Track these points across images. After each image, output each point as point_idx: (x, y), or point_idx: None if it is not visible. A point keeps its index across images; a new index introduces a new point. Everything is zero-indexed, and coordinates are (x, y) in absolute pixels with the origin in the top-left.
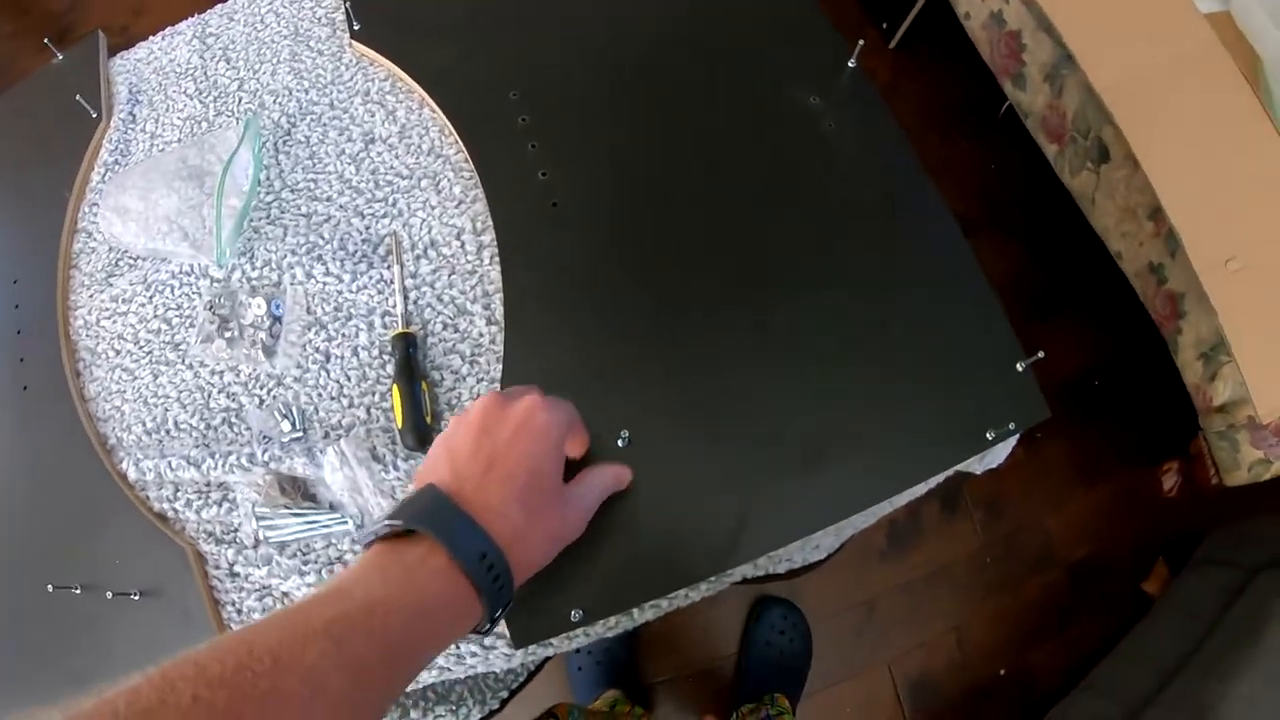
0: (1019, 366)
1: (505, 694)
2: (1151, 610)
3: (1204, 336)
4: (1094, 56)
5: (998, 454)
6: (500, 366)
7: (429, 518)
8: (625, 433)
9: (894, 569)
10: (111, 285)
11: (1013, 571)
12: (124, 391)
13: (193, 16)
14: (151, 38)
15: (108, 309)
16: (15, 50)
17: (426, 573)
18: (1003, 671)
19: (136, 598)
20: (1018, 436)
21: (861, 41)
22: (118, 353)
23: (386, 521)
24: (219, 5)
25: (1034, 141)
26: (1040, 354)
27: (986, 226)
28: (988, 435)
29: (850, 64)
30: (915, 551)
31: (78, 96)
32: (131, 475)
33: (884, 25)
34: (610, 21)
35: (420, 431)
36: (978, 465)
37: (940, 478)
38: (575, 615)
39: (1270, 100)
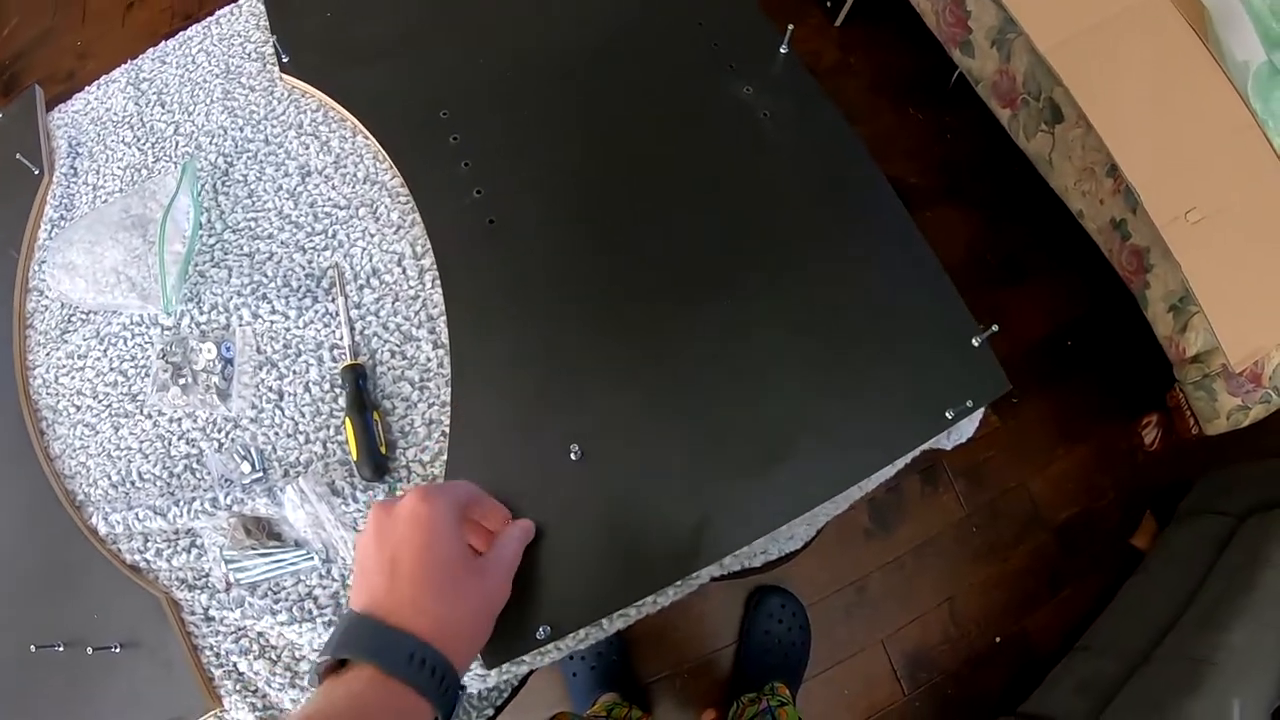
0: (975, 342)
1: (491, 711)
2: (1142, 564)
3: (1172, 289)
4: (1036, 19)
5: (964, 429)
6: (449, 390)
7: (350, 640)
8: (576, 446)
9: (881, 547)
10: (66, 341)
11: (1000, 538)
12: (88, 447)
13: (126, 62)
14: (87, 88)
15: (64, 365)
16: None
17: (368, 689)
18: (998, 639)
19: (117, 650)
20: (982, 410)
21: (791, 26)
22: (78, 408)
23: (321, 659)
24: (151, 50)
25: (987, 108)
26: (994, 327)
27: (946, 196)
28: (947, 414)
29: (782, 50)
30: (900, 527)
31: (18, 155)
32: (102, 530)
33: (828, 4)
34: (535, 26)
35: (376, 462)
36: (946, 441)
37: (904, 460)
38: (542, 632)
39: (1219, 49)
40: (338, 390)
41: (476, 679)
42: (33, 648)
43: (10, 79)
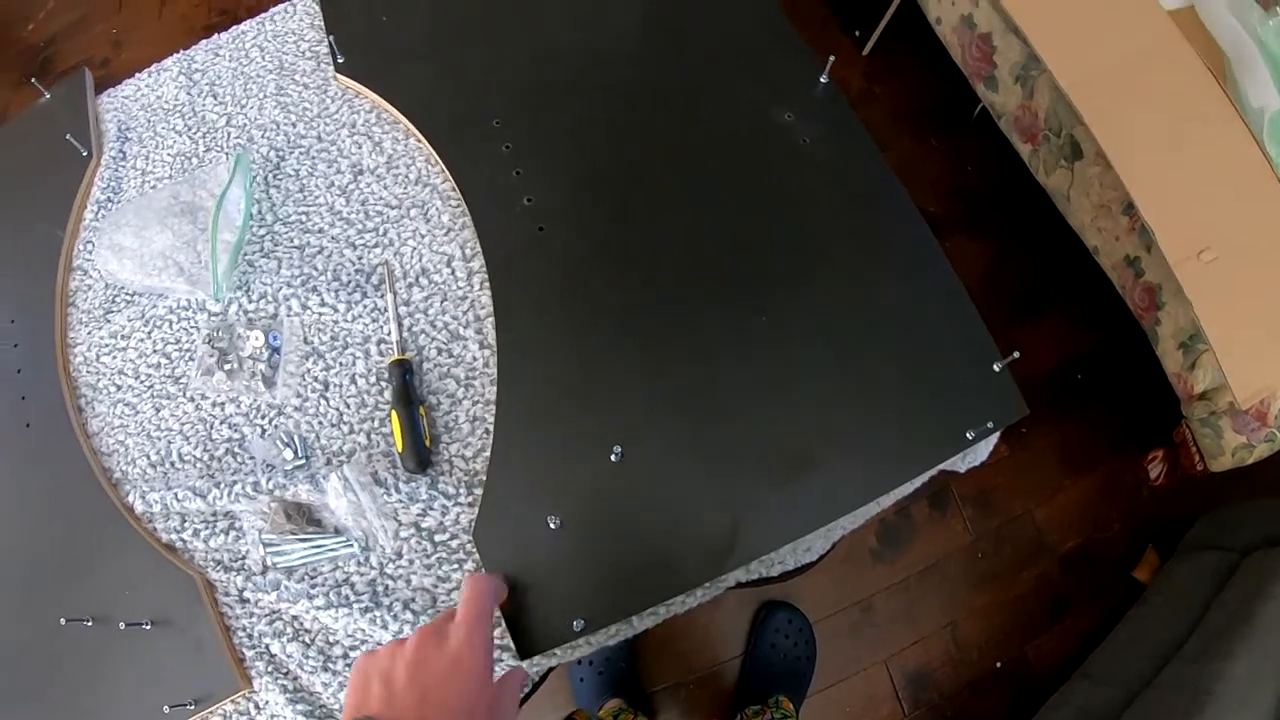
0: (996, 367)
1: None
2: (1143, 596)
3: (1182, 326)
4: (1060, 57)
5: (979, 452)
6: (494, 388)
7: None
8: (618, 448)
9: (887, 568)
10: (109, 321)
11: (1005, 565)
12: (127, 426)
13: (178, 52)
14: (138, 74)
15: (107, 345)
16: None
17: None
18: (999, 664)
19: (148, 627)
20: (998, 434)
21: (833, 57)
22: (119, 388)
23: None
24: (204, 41)
25: (1008, 141)
26: (1016, 354)
27: (964, 226)
28: (968, 435)
29: (822, 79)
30: (907, 550)
31: (68, 136)
32: (138, 508)
33: (856, 33)
34: (588, 44)
35: (420, 455)
36: (961, 464)
37: (924, 478)
38: (577, 625)
39: (1236, 94)
40: (383, 384)
41: (504, 671)
42: (62, 620)
43: (44, 63)
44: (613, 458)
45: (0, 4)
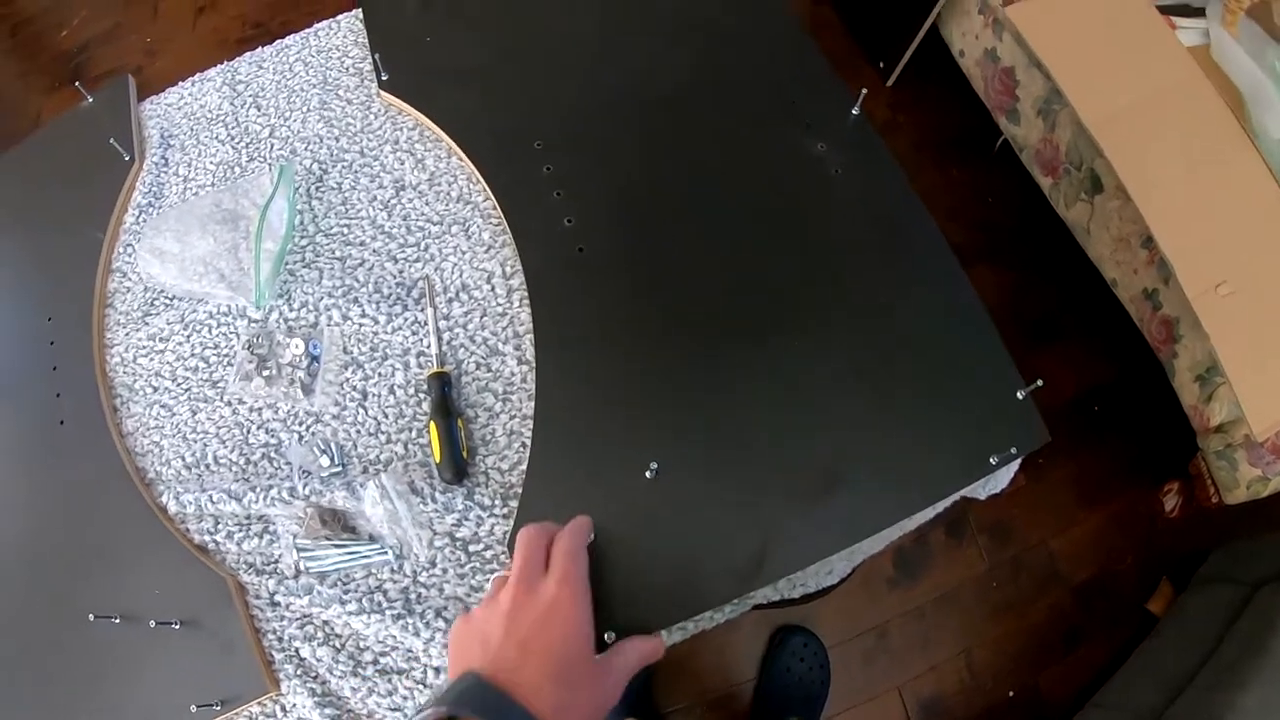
0: (1019, 395)
1: None
2: (1157, 628)
3: (1199, 359)
4: (1082, 92)
5: (1000, 479)
6: (532, 404)
7: (474, 702)
8: (654, 464)
9: (903, 595)
10: (148, 324)
11: (1019, 594)
12: (162, 427)
13: (220, 64)
14: (181, 83)
15: (145, 347)
16: (27, 89)
17: None
18: (1012, 693)
19: (177, 627)
20: (1020, 461)
21: (864, 90)
22: (155, 389)
23: (432, 708)
24: (247, 54)
25: (1027, 173)
26: (1039, 382)
27: (985, 257)
28: (991, 460)
29: (854, 111)
30: (923, 578)
31: (111, 139)
32: (171, 508)
33: (881, 64)
34: (629, 72)
35: (458, 466)
36: (981, 490)
37: (947, 501)
38: (609, 637)
39: (1253, 129)
40: (421, 395)
41: None
42: (91, 616)
43: (76, 68)
44: (648, 474)
45: (34, 11)
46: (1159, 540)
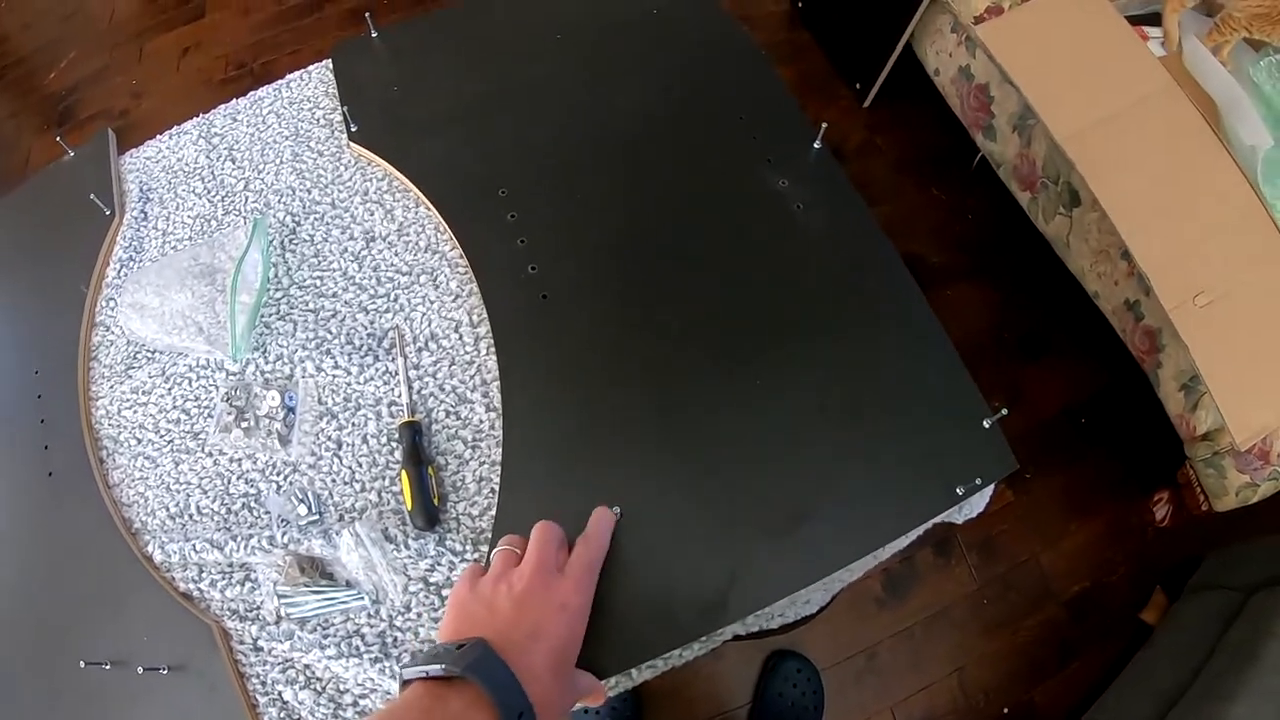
0: (985, 424)
1: None
2: (1151, 639)
3: (1183, 369)
4: (1052, 107)
5: (975, 504)
6: (500, 450)
7: (483, 670)
8: (617, 508)
9: (893, 615)
10: (131, 377)
11: (1011, 610)
12: (147, 478)
13: (197, 116)
14: (159, 136)
15: (128, 399)
16: (18, 130)
17: (477, 716)
18: (1006, 710)
19: (165, 672)
20: (991, 488)
21: (825, 125)
22: (139, 441)
23: (439, 666)
24: (222, 106)
25: (1007, 189)
26: (1004, 410)
27: (967, 274)
28: (958, 490)
29: (815, 145)
30: (913, 597)
31: (91, 195)
32: (157, 557)
33: (858, 86)
34: (591, 119)
35: (429, 513)
36: (958, 515)
37: (917, 532)
38: None
39: (1229, 136)
40: (393, 444)
41: None
42: (82, 664)
43: (65, 111)
44: (615, 514)
45: (24, 52)
46: (1150, 550)
